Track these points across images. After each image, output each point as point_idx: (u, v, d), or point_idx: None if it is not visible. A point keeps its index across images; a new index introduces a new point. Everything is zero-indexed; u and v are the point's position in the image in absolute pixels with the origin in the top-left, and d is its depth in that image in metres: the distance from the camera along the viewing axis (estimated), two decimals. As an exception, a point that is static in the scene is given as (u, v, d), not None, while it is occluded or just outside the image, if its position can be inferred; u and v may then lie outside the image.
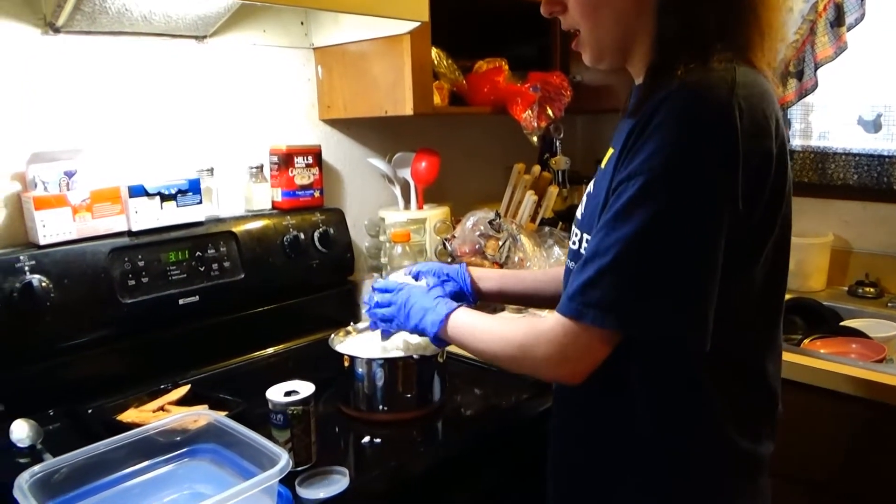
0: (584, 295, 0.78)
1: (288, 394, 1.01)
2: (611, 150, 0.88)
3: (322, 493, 0.94)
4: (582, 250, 0.88)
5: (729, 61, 0.78)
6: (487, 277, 1.19)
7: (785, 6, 0.86)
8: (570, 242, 0.93)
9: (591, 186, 0.92)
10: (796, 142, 2.08)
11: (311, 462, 1.02)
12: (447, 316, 0.99)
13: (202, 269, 1.40)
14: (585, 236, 0.88)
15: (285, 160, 1.57)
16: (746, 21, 0.80)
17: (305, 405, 1.00)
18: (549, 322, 0.83)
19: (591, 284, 0.77)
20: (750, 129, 0.74)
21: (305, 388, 1.02)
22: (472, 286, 1.16)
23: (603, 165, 0.89)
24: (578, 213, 0.94)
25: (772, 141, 0.77)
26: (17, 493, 0.84)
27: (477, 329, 0.96)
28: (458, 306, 1.00)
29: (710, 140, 0.73)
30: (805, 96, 1.94)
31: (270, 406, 1.00)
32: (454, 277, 1.15)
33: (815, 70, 1.91)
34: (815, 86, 1.92)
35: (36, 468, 0.89)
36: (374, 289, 1.13)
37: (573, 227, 0.94)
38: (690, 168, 0.73)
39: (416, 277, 1.20)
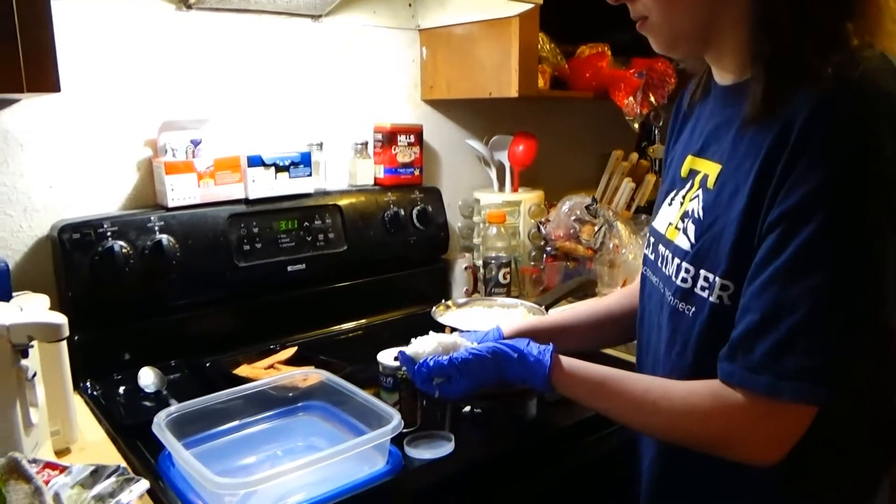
0: (777, 364, 0.64)
1: (397, 358, 1.05)
2: (716, 166, 0.76)
3: (428, 454, 0.98)
4: (698, 289, 0.75)
5: (870, 46, 0.66)
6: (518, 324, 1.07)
7: None
8: (678, 279, 0.79)
9: (694, 209, 0.78)
10: None
11: (416, 425, 1.05)
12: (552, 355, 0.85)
13: (309, 239, 1.46)
14: (704, 273, 0.74)
15: (389, 138, 1.62)
16: None
17: (414, 370, 1.03)
18: (719, 400, 0.70)
19: (785, 349, 0.64)
20: None
21: (414, 354, 1.05)
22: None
23: (711, 186, 0.76)
24: (682, 243, 0.79)
25: None
26: (155, 429, 0.92)
27: (596, 384, 0.83)
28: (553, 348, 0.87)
29: (892, 155, 0.62)
30: None
31: (381, 369, 1.04)
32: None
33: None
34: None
35: (172, 409, 0.97)
36: (422, 366, 0.91)
37: (672, 256, 0.81)
38: (878, 193, 0.62)
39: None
